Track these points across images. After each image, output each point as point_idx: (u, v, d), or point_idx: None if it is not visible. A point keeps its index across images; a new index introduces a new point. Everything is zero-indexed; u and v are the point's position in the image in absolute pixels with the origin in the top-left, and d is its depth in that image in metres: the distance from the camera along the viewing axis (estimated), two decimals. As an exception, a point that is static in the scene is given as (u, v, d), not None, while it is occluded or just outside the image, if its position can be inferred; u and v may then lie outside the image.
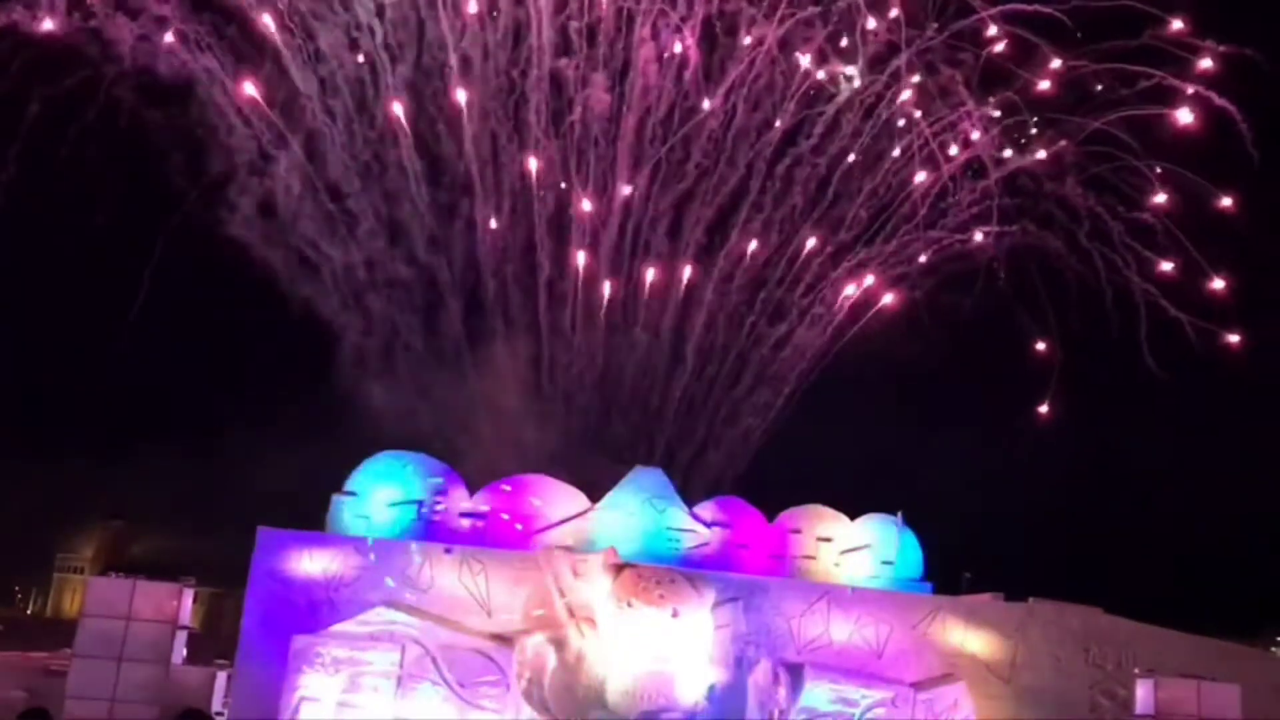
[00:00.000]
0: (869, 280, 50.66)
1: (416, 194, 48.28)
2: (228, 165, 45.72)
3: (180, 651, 31.00)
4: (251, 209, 46.02)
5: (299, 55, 45.67)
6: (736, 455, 50.82)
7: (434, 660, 29.84)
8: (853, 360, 52.02)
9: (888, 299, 50.60)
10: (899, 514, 35.35)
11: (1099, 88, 48.29)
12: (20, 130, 42.30)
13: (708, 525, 34.16)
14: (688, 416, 50.68)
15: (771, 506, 35.46)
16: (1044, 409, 49.85)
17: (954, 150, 50.07)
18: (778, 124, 49.76)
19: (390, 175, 48.16)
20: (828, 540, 34.89)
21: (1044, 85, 48.49)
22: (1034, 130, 49.64)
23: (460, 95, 47.00)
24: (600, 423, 49.50)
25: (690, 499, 35.13)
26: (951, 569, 37.90)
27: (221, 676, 30.98)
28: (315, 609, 30.32)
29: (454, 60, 46.68)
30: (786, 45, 48.69)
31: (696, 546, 33.81)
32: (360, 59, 46.41)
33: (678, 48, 48.19)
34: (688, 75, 48.73)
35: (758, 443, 51.01)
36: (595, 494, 34.42)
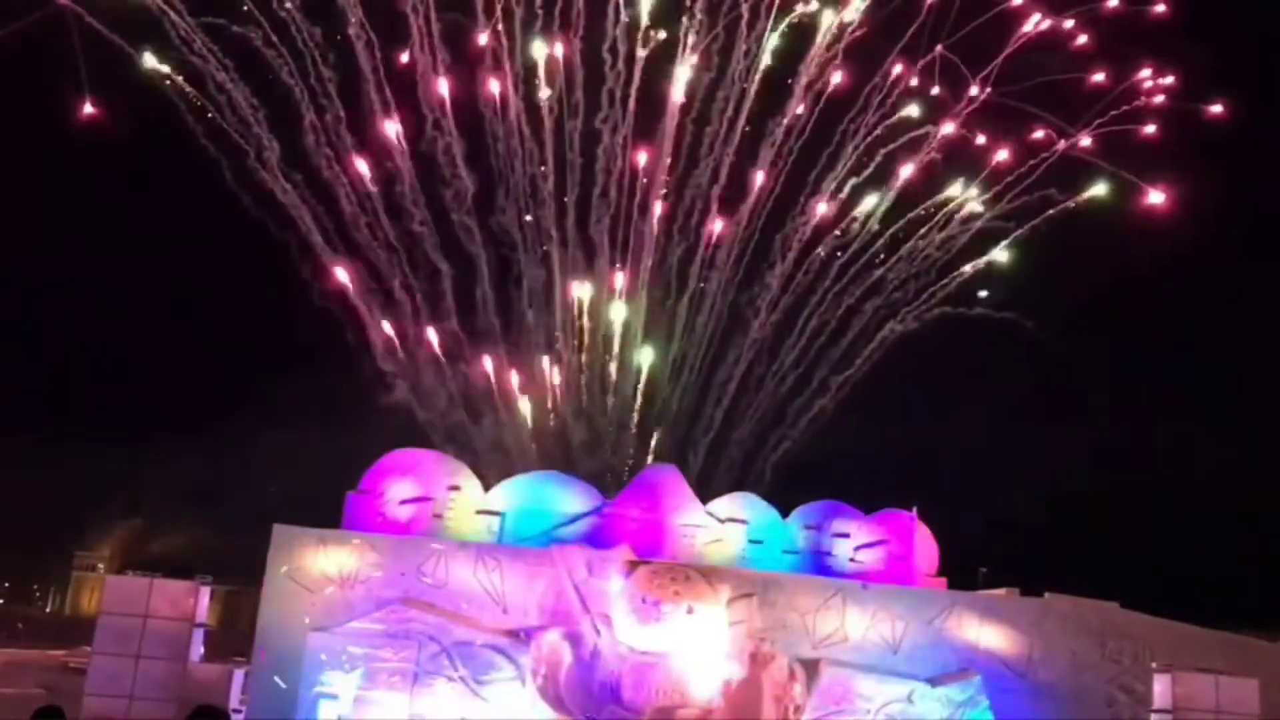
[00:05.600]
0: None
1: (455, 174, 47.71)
2: (242, 131, 45.09)
3: (197, 648, 31.14)
4: (270, 193, 45.54)
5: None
6: (801, 440, 50.41)
7: (449, 656, 29.89)
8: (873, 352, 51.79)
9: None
10: (914, 509, 35.29)
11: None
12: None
13: (722, 521, 34.08)
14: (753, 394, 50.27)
15: (785, 502, 35.42)
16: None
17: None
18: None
19: (427, 157, 47.64)
20: (843, 536, 34.78)
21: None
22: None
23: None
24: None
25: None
26: (967, 564, 37.78)
27: (239, 673, 31.14)
28: (331, 606, 30.34)
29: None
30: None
31: (711, 543, 33.72)
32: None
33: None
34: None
35: (825, 424, 50.52)
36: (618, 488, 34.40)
